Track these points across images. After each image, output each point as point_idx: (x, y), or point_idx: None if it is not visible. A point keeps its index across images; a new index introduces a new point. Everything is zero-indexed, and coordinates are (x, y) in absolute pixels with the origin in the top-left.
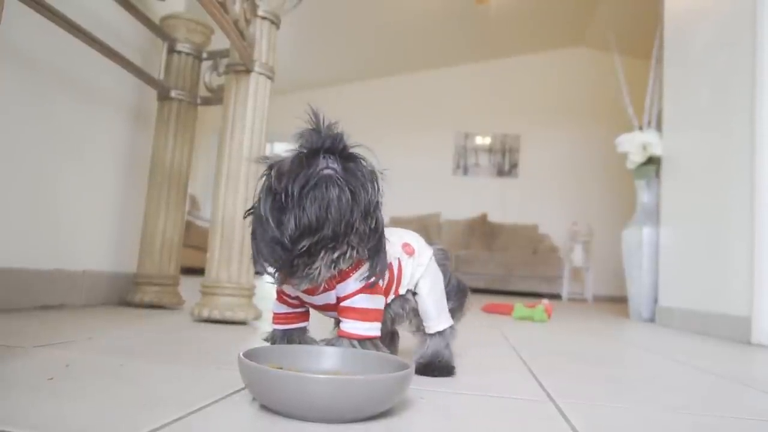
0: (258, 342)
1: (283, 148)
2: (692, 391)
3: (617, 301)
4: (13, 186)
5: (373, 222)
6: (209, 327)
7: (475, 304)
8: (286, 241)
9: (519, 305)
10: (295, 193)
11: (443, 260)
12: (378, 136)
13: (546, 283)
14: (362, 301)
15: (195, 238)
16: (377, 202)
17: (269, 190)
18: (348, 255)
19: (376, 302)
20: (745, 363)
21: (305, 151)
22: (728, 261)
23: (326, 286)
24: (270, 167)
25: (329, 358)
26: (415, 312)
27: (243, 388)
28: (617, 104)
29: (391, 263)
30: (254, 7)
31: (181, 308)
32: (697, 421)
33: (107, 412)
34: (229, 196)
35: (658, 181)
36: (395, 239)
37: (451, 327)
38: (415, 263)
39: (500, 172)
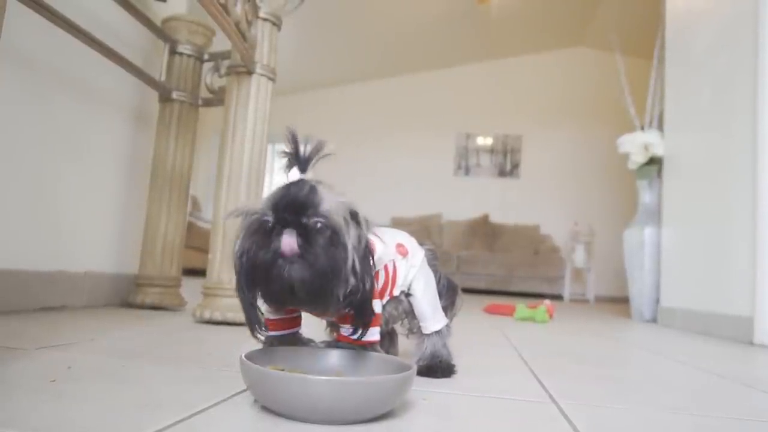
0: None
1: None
2: (694, 392)
3: (619, 302)
4: (14, 187)
5: (352, 280)
6: (211, 328)
7: (476, 305)
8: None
9: (521, 306)
10: (255, 276)
11: (432, 260)
12: (379, 136)
13: (547, 283)
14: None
15: (196, 240)
16: (353, 263)
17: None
18: (336, 306)
19: (375, 308)
20: (747, 363)
21: (267, 219)
22: (730, 261)
23: None
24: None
25: (331, 359)
26: (408, 313)
27: (245, 390)
28: (619, 104)
29: (386, 265)
30: (255, 9)
31: (183, 310)
32: (698, 422)
33: (109, 413)
34: (231, 198)
35: (659, 181)
36: (389, 240)
37: (447, 326)
38: (409, 264)
39: (502, 173)
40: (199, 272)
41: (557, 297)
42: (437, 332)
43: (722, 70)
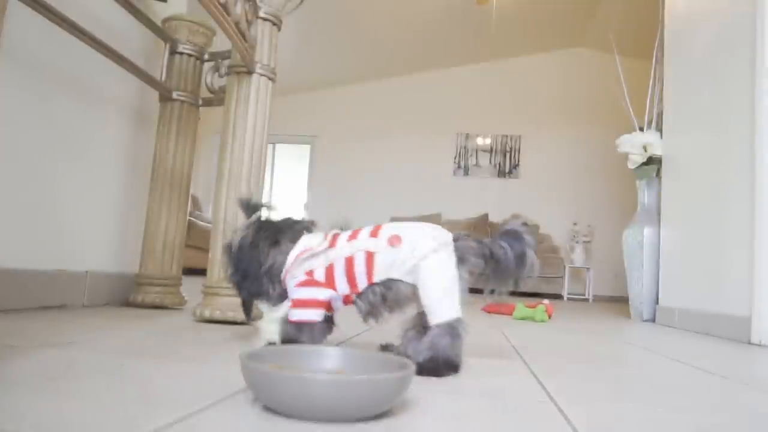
0: (259, 342)
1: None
2: (693, 391)
3: (618, 302)
4: (15, 187)
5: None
6: (211, 327)
7: (475, 304)
8: None
9: (520, 305)
10: None
11: (462, 249)
12: (379, 136)
13: (546, 283)
14: (295, 293)
15: (197, 239)
16: (232, 272)
17: None
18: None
19: (307, 293)
20: (745, 363)
21: None
22: (728, 261)
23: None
24: None
25: (330, 358)
26: (408, 300)
27: (244, 389)
28: (618, 105)
29: (351, 257)
30: (255, 9)
31: (183, 309)
32: (697, 421)
33: (109, 412)
34: (231, 197)
35: (658, 181)
36: (386, 232)
37: (457, 320)
38: (402, 254)
39: (501, 173)
40: (199, 272)
41: (556, 296)
42: (439, 326)
43: (721, 70)
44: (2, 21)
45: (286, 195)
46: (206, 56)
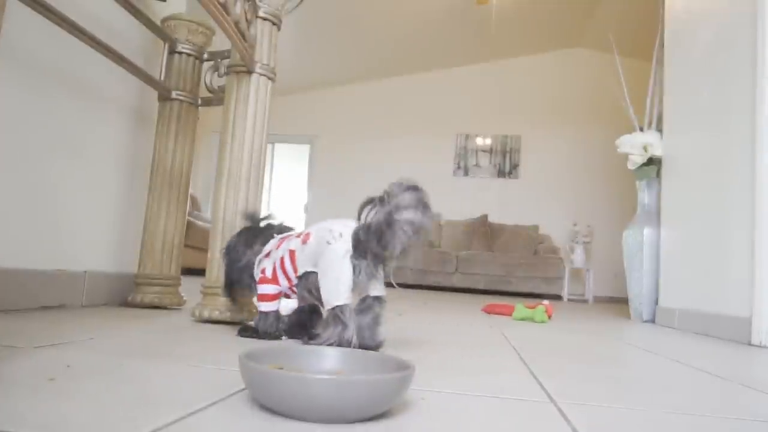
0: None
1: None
2: (692, 392)
3: (617, 302)
4: (14, 186)
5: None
6: (210, 327)
7: (475, 304)
8: None
9: (519, 306)
10: None
11: (355, 240)
12: (378, 137)
13: (546, 283)
14: (257, 289)
15: (196, 239)
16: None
17: None
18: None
19: (262, 289)
20: (745, 364)
21: None
22: (729, 262)
23: None
24: None
25: (330, 358)
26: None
27: (244, 389)
28: (617, 105)
29: (283, 257)
30: (255, 8)
31: (182, 309)
32: (697, 421)
33: (108, 412)
34: (230, 197)
35: (658, 181)
36: (312, 231)
37: (339, 306)
38: (309, 249)
39: (501, 173)
40: (198, 272)
41: (556, 297)
42: (327, 312)
43: (721, 70)
44: (1, 21)
45: (285, 195)
46: (205, 56)
